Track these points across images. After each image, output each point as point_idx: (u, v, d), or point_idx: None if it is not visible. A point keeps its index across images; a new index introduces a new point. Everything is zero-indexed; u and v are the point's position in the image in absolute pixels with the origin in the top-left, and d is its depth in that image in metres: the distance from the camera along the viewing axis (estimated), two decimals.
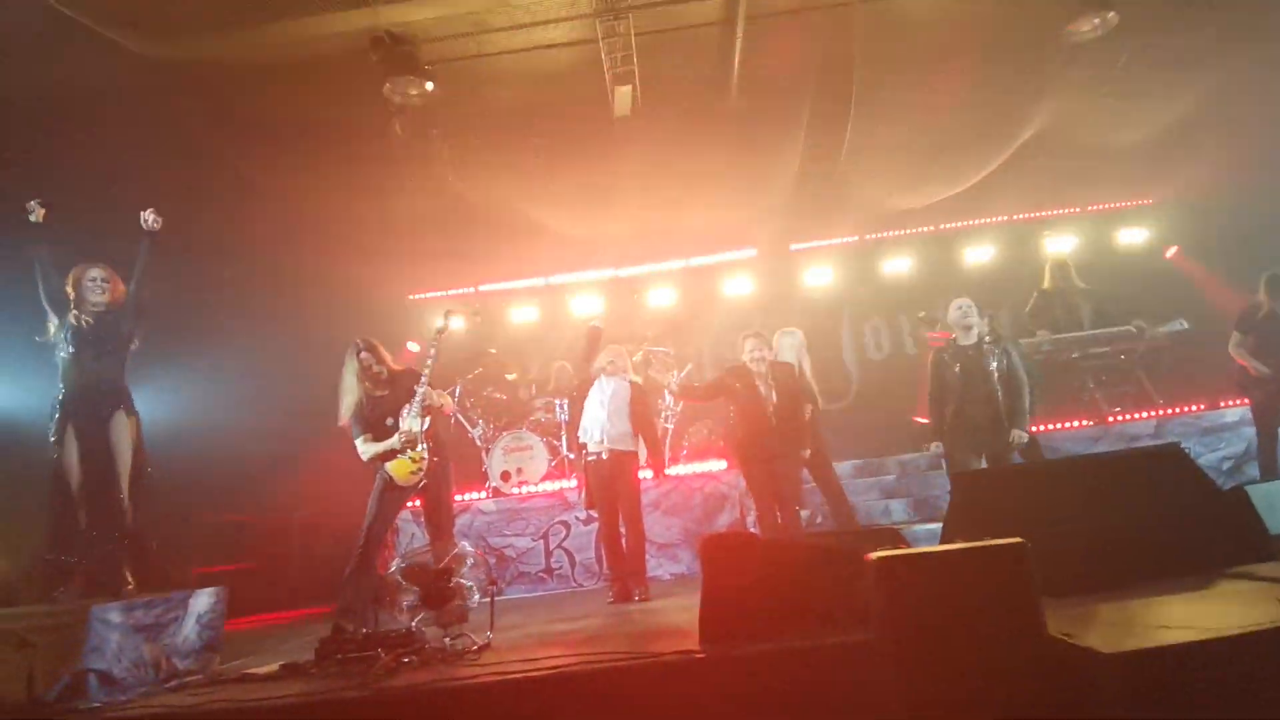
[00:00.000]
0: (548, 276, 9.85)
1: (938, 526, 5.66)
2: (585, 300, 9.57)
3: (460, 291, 9.70)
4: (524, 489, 7.43)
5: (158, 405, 8.28)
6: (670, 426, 8.08)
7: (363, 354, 4.69)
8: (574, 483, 7.44)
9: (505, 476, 7.54)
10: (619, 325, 8.21)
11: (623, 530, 5.74)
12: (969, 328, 5.65)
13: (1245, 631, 2.21)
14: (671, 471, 7.31)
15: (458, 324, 7.38)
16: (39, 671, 3.65)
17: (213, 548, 8.20)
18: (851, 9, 6.54)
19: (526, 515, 7.09)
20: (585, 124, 7.43)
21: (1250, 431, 6.64)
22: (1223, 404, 7.31)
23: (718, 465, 7.35)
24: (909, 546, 3.10)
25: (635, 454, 5.86)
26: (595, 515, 6.70)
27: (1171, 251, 9.41)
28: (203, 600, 4.38)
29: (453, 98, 6.81)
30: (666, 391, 8.04)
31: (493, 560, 6.81)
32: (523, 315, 9.70)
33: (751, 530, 6.33)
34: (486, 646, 3.93)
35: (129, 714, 3.40)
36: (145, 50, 5.93)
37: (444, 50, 6.56)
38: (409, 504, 5.47)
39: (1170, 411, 7.44)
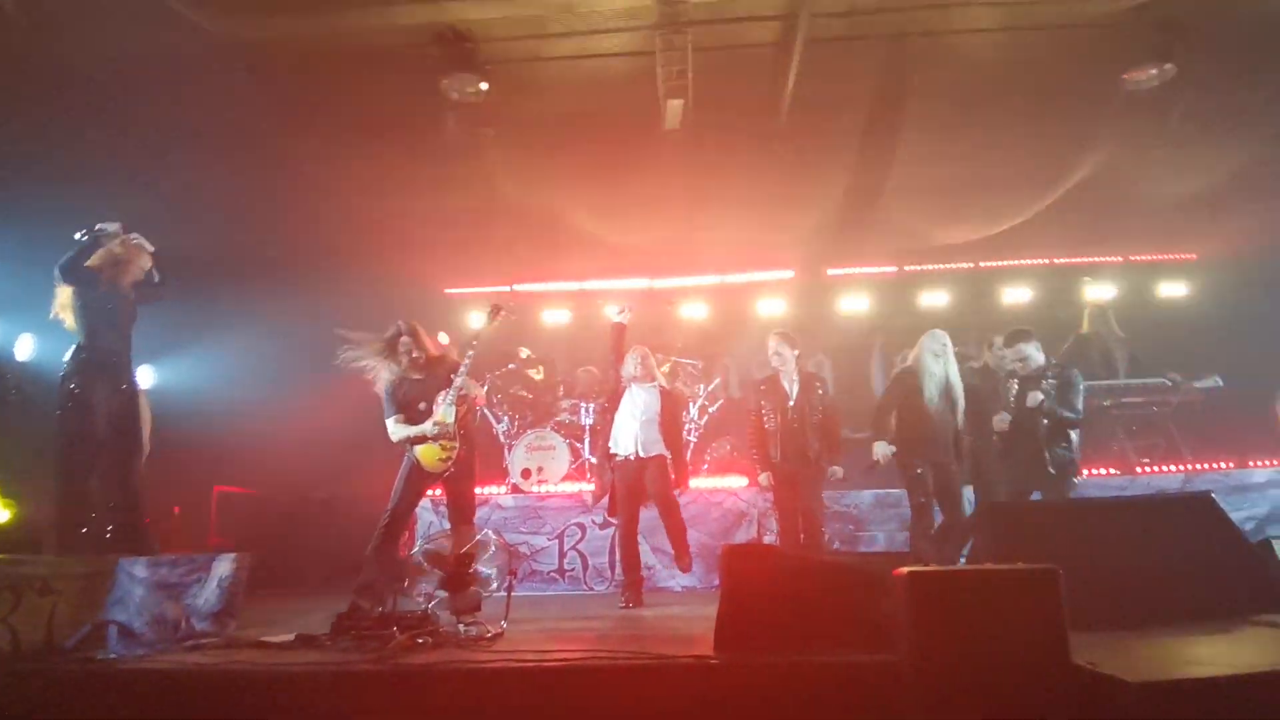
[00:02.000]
0: (582, 281, 9.94)
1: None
2: (618, 308, 9.63)
3: (496, 289, 9.80)
4: (543, 488, 7.47)
5: (189, 377, 8.51)
6: (693, 440, 8.09)
7: (403, 337, 4.75)
8: (594, 485, 7.47)
9: (526, 474, 7.60)
10: (650, 335, 8.24)
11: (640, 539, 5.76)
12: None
13: (1268, 671, 2.20)
14: (693, 484, 7.32)
15: (499, 321, 7.46)
16: (60, 619, 3.71)
17: (231, 520, 8.34)
18: (908, 41, 6.56)
19: (543, 514, 7.13)
20: (633, 134, 7.50)
21: (1278, 494, 6.56)
22: (1252, 464, 7.21)
23: (739, 481, 7.35)
24: None
25: (665, 456, 5.83)
26: (614, 521, 6.78)
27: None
28: (224, 565, 4.44)
29: (506, 98, 6.91)
30: (692, 404, 8.09)
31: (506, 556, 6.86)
32: (555, 317, 9.80)
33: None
34: (500, 635, 3.96)
35: (145, 668, 3.46)
36: (213, 27, 6.06)
37: (503, 51, 6.65)
38: (429, 492, 5.54)
39: (1198, 467, 7.35)
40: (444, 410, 4.65)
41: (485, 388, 8.24)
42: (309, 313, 8.20)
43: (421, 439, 4.65)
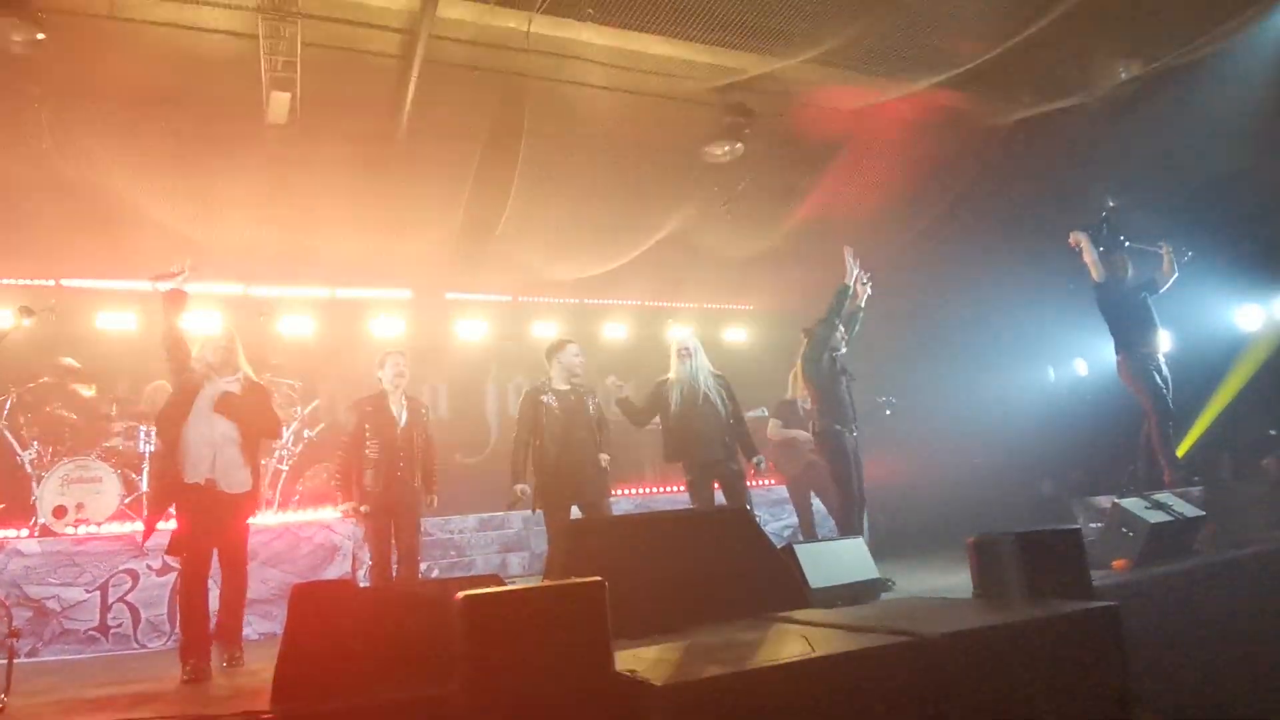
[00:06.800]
0: (156, 282, 8.47)
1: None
2: (203, 315, 8.43)
3: (36, 283, 7.94)
4: (82, 529, 6.17)
5: None
6: (285, 469, 7.39)
7: None
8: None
9: (60, 513, 6.17)
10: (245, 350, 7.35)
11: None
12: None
13: (775, 664, 2.61)
14: (280, 518, 6.64)
15: (29, 324, 6.02)
16: None
17: None
18: (527, 82, 6.87)
19: (82, 561, 5.87)
20: (232, 123, 6.72)
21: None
22: (770, 481, 8.68)
23: (334, 514, 6.84)
24: None
25: (252, 494, 4.74)
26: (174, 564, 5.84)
27: None
28: None
29: (71, 54, 5.76)
30: (286, 428, 7.36)
31: (28, 614, 5.52)
32: (117, 322, 8.19)
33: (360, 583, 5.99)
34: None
35: None
36: None
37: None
38: None
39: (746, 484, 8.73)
40: None
41: (9, 405, 6.61)
42: None
43: None
